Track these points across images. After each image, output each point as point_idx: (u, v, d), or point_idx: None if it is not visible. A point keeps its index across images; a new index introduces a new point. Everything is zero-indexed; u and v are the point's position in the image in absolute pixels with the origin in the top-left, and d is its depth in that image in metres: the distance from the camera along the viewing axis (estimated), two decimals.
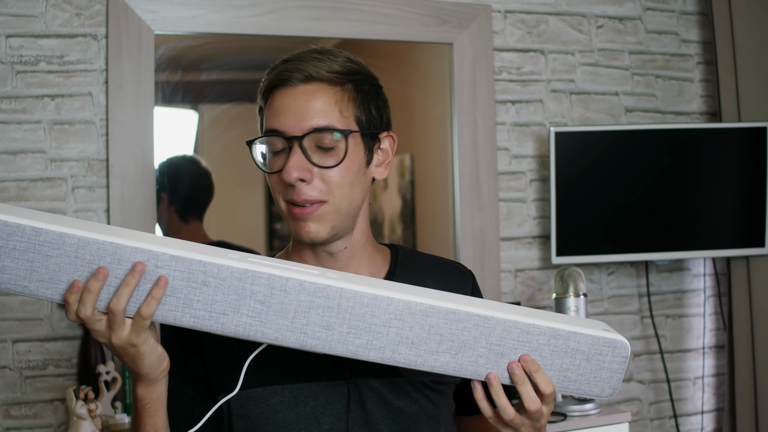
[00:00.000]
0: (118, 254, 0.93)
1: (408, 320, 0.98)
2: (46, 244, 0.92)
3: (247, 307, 0.95)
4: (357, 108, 1.13)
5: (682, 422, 2.56)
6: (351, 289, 0.97)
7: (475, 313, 0.99)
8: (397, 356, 0.99)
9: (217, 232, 2.39)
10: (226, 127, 2.42)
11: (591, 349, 1.02)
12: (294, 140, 1.08)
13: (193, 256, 0.94)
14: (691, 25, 2.62)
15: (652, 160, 2.35)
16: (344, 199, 1.11)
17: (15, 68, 2.04)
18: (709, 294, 2.62)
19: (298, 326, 0.96)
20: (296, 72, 1.10)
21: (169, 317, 0.95)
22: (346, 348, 0.97)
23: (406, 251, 1.26)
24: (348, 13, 2.27)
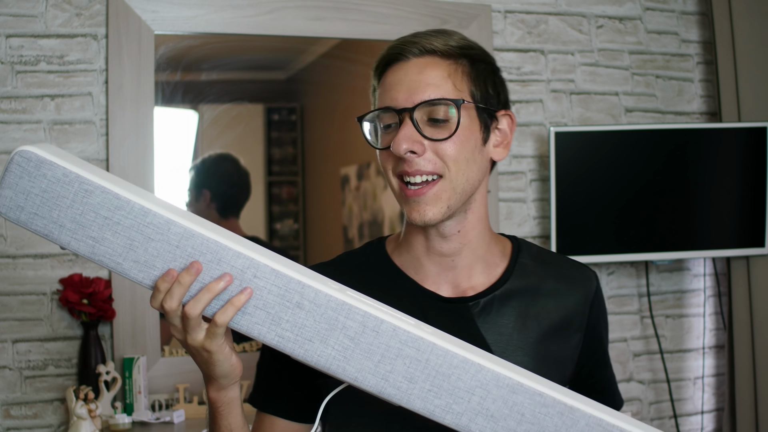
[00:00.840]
0: (220, 254, 0.90)
1: (493, 392, 0.94)
2: (150, 226, 0.89)
3: (335, 339, 0.92)
4: (472, 83, 1.09)
5: (682, 422, 2.56)
6: (443, 347, 0.93)
7: (562, 401, 0.95)
8: (473, 426, 0.94)
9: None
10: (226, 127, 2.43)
11: None
12: (404, 112, 1.05)
13: (294, 275, 0.91)
14: (691, 25, 2.62)
15: (652, 160, 2.35)
16: (460, 175, 1.07)
17: (15, 68, 2.04)
18: (709, 294, 2.62)
19: (381, 372, 0.93)
20: (410, 45, 1.07)
21: (254, 330, 0.92)
22: (423, 405, 0.94)
23: (528, 246, 1.21)
24: (348, 13, 2.27)
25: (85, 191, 0.89)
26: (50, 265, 2.05)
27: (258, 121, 2.55)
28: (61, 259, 2.06)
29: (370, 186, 2.70)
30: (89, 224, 0.89)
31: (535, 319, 1.13)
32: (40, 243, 2.04)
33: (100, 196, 0.89)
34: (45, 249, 2.05)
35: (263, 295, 0.91)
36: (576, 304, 1.17)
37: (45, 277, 2.05)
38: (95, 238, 0.90)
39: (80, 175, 0.88)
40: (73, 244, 0.90)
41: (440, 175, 1.06)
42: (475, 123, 1.08)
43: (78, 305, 1.97)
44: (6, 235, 2.03)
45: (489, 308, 1.12)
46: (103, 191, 0.89)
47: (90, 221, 0.89)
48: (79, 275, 2.01)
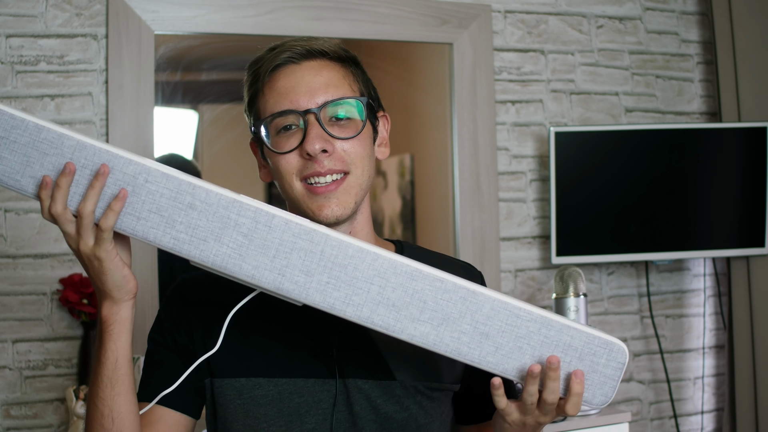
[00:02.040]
0: (112, 162, 0.93)
1: (392, 280, 0.94)
2: (45, 142, 0.93)
3: (228, 237, 0.93)
4: (361, 84, 1.12)
5: (682, 422, 2.56)
6: (337, 238, 0.93)
7: (463, 286, 0.95)
8: (376, 317, 0.94)
9: None
10: (226, 127, 2.42)
11: (585, 348, 0.95)
12: (309, 113, 1.05)
13: (185, 178, 0.94)
14: (691, 25, 2.62)
15: (652, 160, 2.35)
16: (365, 172, 1.09)
17: (15, 68, 2.04)
18: (709, 294, 2.62)
19: (277, 266, 0.93)
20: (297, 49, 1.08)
21: (150, 235, 0.94)
22: (323, 299, 0.94)
23: (412, 248, 1.22)
24: (348, 13, 2.27)
25: None
26: (50, 265, 2.05)
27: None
28: (61, 259, 2.06)
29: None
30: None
31: None
32: (40, 243, 2.04)
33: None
34: (45, 249, 2.05)
35: (156, 199, 0.93)
36: None
37: (45, 277, 2.05)
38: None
39: None
40: None
41: (347, 173, 1.07)
42: (368, 123, 1.11)
43: (78, 305, 1.97)
44: (6, 235, 2.03)
45: None
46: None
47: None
48: (79, 275, 2.01)
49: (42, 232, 2.04)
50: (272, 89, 1.08)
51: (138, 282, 1.02)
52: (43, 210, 0.94)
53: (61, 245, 2.06)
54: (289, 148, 1.07)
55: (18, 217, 2.04)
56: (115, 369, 1.01)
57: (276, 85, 1.08)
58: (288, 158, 1.07)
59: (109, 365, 1.01)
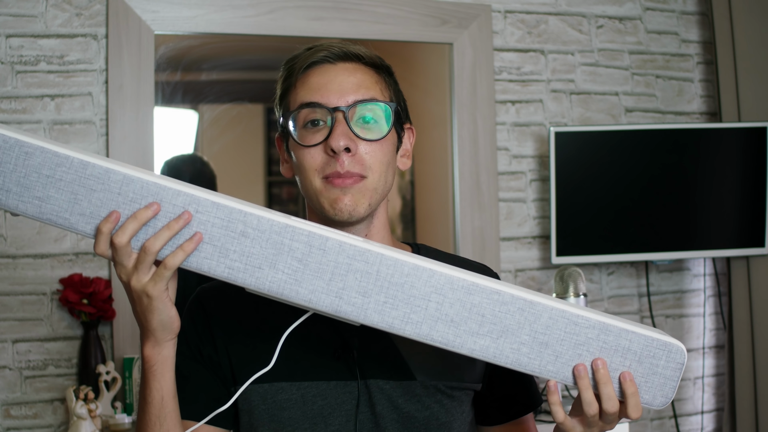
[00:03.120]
0: (161, 195, 0.92)
1: (449, 296, 0.93)
2: (91, 178, 0.92)
3: (283, 263, 0.92)
4: (391, 92, 1.14)
5: (682, 422, 2.56)
6: (392, 257, 0.93)
7: (521, 297, 0.94)
8: (435, 334, 0.93)
9: None
10: (226, 127, 2.42)
11: (644, 350, 0.95)
12: (338, 111, 1.06)
13: (235, 205, 0.93)
14: (691, 25, 2.62)
15: (652, 160, 2.35)
16: (381, 178, 1.09)
17: (15, 68, 2.04)
18: (709, 294, 2.62)
19: (334, 289, 0.93)
20: (334, 50, 1.10)
21: (204, 265, 0.93)
22: (381, 319, 0.93)
23: (428, 250, 1.22)
24: (348, 13, 2.27)
25: (26, 154, 0.92)
26: (50, 265, 2.05)
27: (258, 121, 2.55)
28: (61, 259, 2.06)
29: None
30: (33, 185, 0.93)
31: None
32: (40, 243, 2.04)
33: (40, 156, 0.92)
34: (45, 249, 2.05)
35: (207, 229, 0.93)
36: None
37: (45, 277, 2.05)
38: (41, 198, 0.93)
39: (19, 139, 0.92)
40: (21, 206, 0.94)
41: (364, 177, 1.07)
42: (394, 131, 1.12)
43: (78, 305, 1.97)
44: (6, 235, 2.03)
45: None
46: (42, 151, 0.92)
47: (33, 182, 0.92)
48: (79, 275, 2.01)
49: (42, 232, 2.04)
50: (305, 84, 1.10)
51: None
52: (99, 243, 0.93)
53: (61, 245, 2.06)
54: (314, 142, 1.07)
55: (18, 217, 2.03)
56: (162, 407, 1.01)
57: (309, 80, 1.09)
58: (312, 153, 1.08)
59: (156, 404, 1.01)
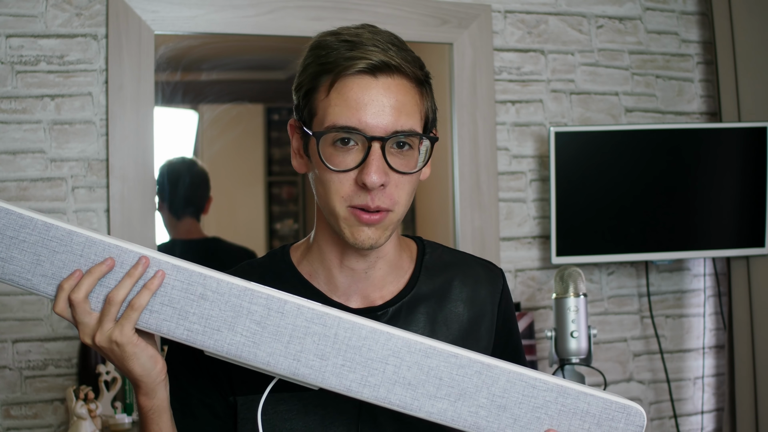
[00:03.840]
0: (122, 257, 0.94)
1: (406, 359, 0.94)
2: (54, 240, 0.93)
3: (242, 325, 0.93)
4: (426, 106, 1.06)
5: (682, 422, 2.56)
6: (350, 320, 0.94)
7: (479, 360, 0.95)
8: (393, 397, 0.94)
9: (217, 233, 2.39)
10: (226, 127, 2.42)
11: (602, 413, 0.95)
12: (376, 140, 0.98)
13: (194, 268, 0.94)
14: (691, 25, 2.62)
15: (652, 160, 2.35)
16: (404, 209, 1.05)
17: (15, 68, 2.04)
18: (709, 294, 2.62)
19: (292, 352, 0.93)
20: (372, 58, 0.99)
21: (163, 327, 0.94)
22: (339, 382, 0.94)
23: (433, 248, 1.19)
24: (348, 13, 2.27)
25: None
26: None
27: (258, 121, 2.55)
28: None
29: None
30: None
31: (444, 323, 1.13)
32: None
33: (5, 217, 0.94)
34: None
35: (168, 291, 0.94)
36: (484, 304, 1.16)
37: None
38: (4, 259, 0.94)
39: None
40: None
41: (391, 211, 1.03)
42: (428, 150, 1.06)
43: None
44: None
45: (397, 316, 1.11)
46: (6, 213, 0.94)
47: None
48: None
49: None
50: (341, 96, 0.99)
51: None
52: (57, 301, 0.94)
53: None
54: (345, 167, 1.00)
55: None
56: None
57: (347, 94, 0.99)
58: (341, 178, 1.00)
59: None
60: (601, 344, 2.50)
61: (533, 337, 2.36)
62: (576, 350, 2.04)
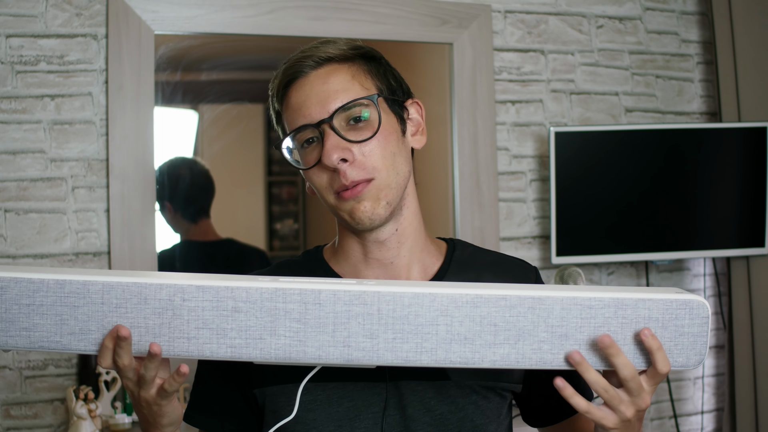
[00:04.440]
0: (144, 293, 0.91)
1: (456, 315, 0.91)
2: (72, 295, 0.90)
3: (283, 327, 0.91)
4: (375, 78, 1.09)
5: (682, 422, 2.56)
6: (389, 291, 0.91)
7: (528, 296, 0.91)
8: (452, 356, 0.92)
9: (219, 230, 2.40)
10: (226, 127, 2.42)
11: (665, 315, 0.92)
12: (323, 124, 1.03)
13: (219, 284, 0.91)
14: (691, 25, 2.62)
15: (652, 160, 2.35)
16: (391, 171, 1.06)
17: (15, 68, 2.04)
18: (709, 294, 2.62)
19: (340, 339, 0.91)
20: (304, 60, 1.06)
21: (206, 351, 0.92)
22: (395, 355, 0.91)
23: (464, 246, 1.19)
24: (348, 13, 2.27)
25: (1, 288, 0.91)
26: (50, 265, 2.05)
27: (258, 121, 2.55)
28: (61, 259, 2.06)
29: None
30: (16, 318, 0.91)
31: None
32: (40, 243, 2.04)
33: (15, 287, 0.91)
34: (45, 249, 2.05)
35: (199, 314, 0.91)
36: None
37: None
38: (27, 328, 0.91)
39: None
40: (11, 342, 0.91)
41: (370, 179, 1.04)
42: (391, 116, 1.09)
43: None
44: (6, 235, 2.03)
45: None
46: (16, 282, 0.91)
47: (16, 314, 0.91)
48: None
49: (42, 232, 2.04)
50: (288, 107, 1.07)
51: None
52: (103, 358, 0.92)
53: (61, 245, 2.06)
54: (312, 162, 1.05)
55: (18, 217, 2.04)
56: None
57: (290, 102, 1.07)
58: (317, 173, 1.06)
59: None
60: None
61: None
62: None
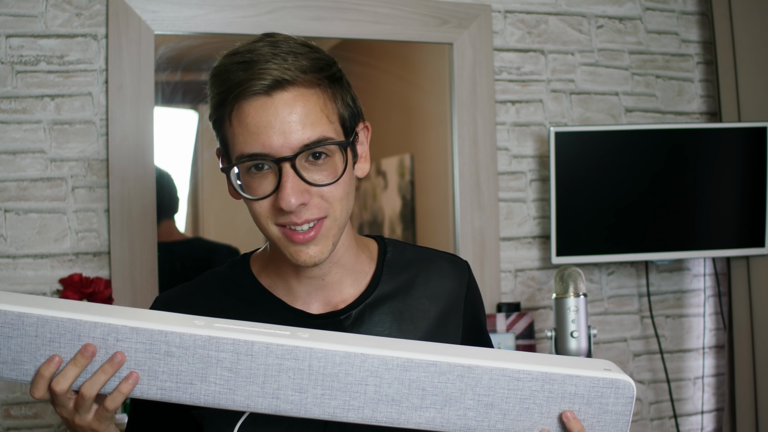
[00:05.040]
0: (78, 330, 0.91)
1: (386, 376, 0.92)
2: (6, 326, 0.90)
3: (214, 375, 0.91)
4: (338, 106, 1.01)
5: (682, 422, 2.56)
6: (321, 349, 0.91)
7: (458, 364, 0.92)
8: (378, 415, 0.93)
9: (217, 233, 2.40)
10: None
11: (591, 392, 0.94)
12: (284, 161, 0.96)
13: (154, 327, 0.91)
14: (691, 25, 2.62)
15: (652, 160, 2.35)
16: (344, 212, 1.02)
17: (15, 68, 2.04)
18: (709, 294, 2.62)
19: (269, 391, 0.92)
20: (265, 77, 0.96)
21: (136, 392, 0.92)
22: (322, 410, 0.92)
23: (395, 246, 1.17)
24: (348, 13, 2.27)
25: None
26: (50, 265, 2.05)
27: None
28: (61, 259, 2.06)
29: (370, 186, 2.70)
30: None
31: (411, 321, 1.10)
32: (40, 243, 2.04)
33: None
34: (45, 249, 2.05)
35: (132, 355, 0.91)
36: (450, 298, 1.14)
37: (45, 277, 2.05)
38: None
39: None
40: None
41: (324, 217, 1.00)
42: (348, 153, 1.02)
43: None
44: (6, 235, 2.03)
45: (361, 319, 1.09)
46: None
47: None
48: (79, 275, 2.01)
49: (42, 232, 2.04)
50: (241, 124, 0.97)
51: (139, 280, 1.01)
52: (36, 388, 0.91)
53: (61, 245, 2.06)
54: (262, 194, 0.98)
55: (18, 217, 2.04)
56: None
57: (246, 121, 0.97)
58: (261, 203, 0.99)
59: None
60: (601, 344, 2.50)
61: (533, 337, 2.36)
62: (576, 350, 2.04)
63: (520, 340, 2.33)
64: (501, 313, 2.32)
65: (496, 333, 2.31)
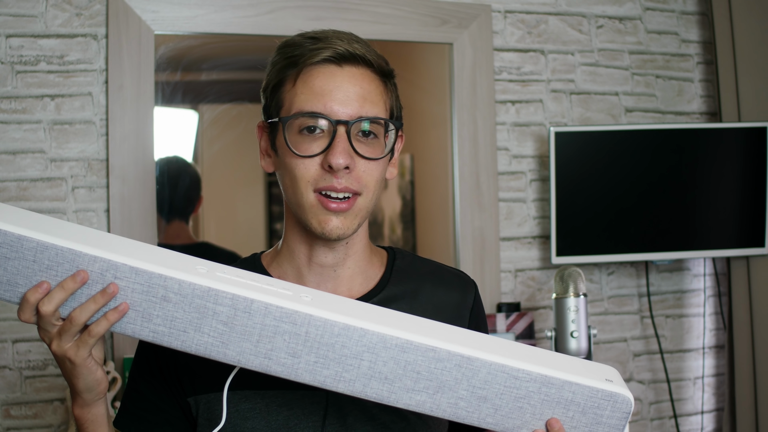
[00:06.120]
0: (77, 262, 0.90)
1: (382, 354, 0.91)
2: (5, 246, 0.90)
3: (208, 326, 0.91)
4: (393, 102, 1.09)
5: (682, 422, 2.56)
6: (321, 317, 0.90)
7: (458, 353, 0.91)
8: (369, 391, 0.92)
9: (217, 233, 2.40)
10: (226, 127, 2.42)
11: (588, 402, 0.93)
12: (341, 124, 1.01)
13: (155, 269, 0.90)
14: (691, 25, 2.62)
15: (652, 160, 2.35)
16: (374, 195, 1.06)
17: (15, 68, 2.04)
18: (709, 294, 2.62)
19: (262, 351, 0.91)
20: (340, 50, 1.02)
21: (128, 329, 0.92)
22: (313, 377, 0.92)
23: (405, 255, 1.19)
24: (348, 13, 2.27)
25: None
26: None
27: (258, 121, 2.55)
28: None
29: None
30: None
31: None
32: None
33: None
34: None
35: (128, 294, 0.91)
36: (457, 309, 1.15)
37: None
38: None
39: None
40: None
41: (358, 194, 1.04)
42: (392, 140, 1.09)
43: None
44: None
45: None
46: None
47: None
48: None
49: None
50: (307, 85, 1.03)
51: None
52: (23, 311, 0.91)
53: None
54: (311, 152, 1.02)
55: None
56: None
57: (313, 83, 1.02)
58: (306, 164, 1.02)
59: None
60: (601, 344, 2.50)
61: (533, 337, 2.36)
62: (576, 350, 2.04)
63: (520, 341, 2.33)
64: (501, 313, 2.32)
65: (496, 333, 2.30)
